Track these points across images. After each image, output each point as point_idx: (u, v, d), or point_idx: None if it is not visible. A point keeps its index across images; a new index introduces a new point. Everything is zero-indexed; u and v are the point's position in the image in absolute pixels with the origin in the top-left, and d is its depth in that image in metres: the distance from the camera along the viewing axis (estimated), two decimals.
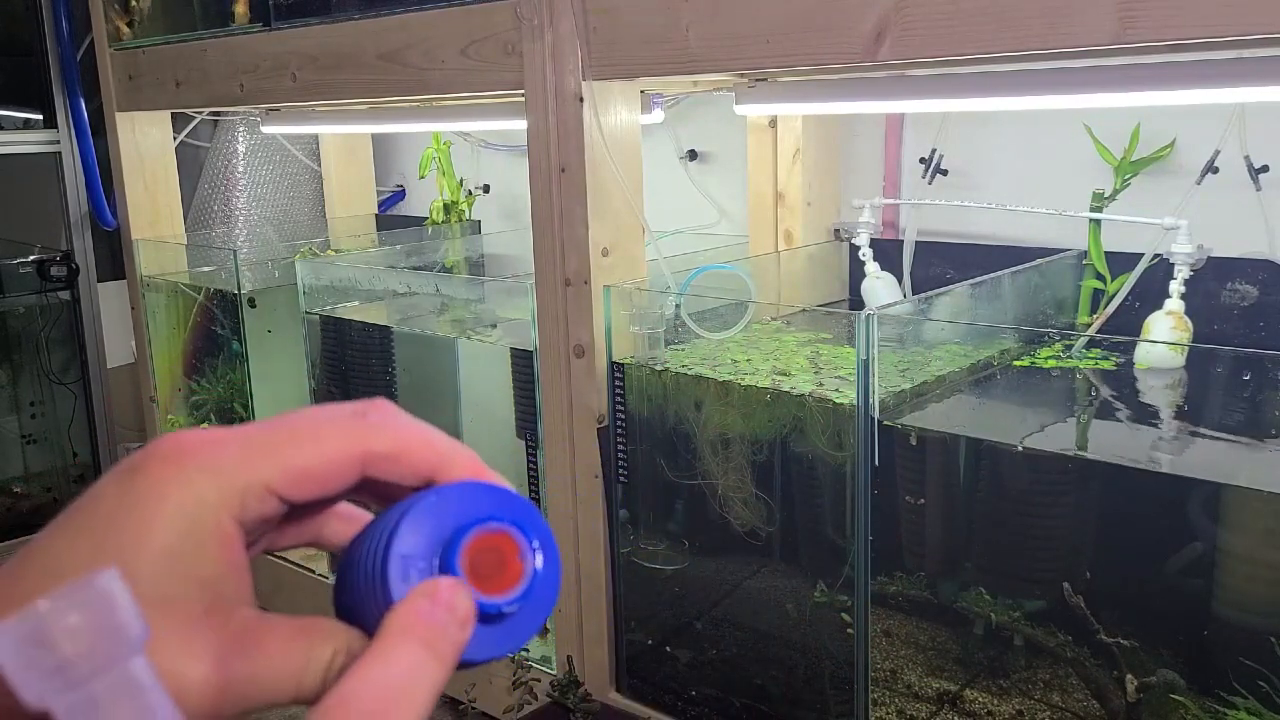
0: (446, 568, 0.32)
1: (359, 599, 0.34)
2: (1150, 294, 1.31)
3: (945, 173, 1.54)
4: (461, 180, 2.09)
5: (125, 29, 1.91)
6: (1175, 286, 1.27)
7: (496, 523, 0.33)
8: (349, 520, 0.39)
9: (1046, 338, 1.33)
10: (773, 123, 1.63)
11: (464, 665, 0.33)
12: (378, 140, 2.38)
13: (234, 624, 0.32)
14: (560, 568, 0.35)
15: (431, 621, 0.31)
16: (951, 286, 1.25)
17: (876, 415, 1.09)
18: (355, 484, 0.35)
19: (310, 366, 1.80)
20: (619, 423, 1.32)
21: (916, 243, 1.57)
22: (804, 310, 1.52)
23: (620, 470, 1.33)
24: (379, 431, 0.35)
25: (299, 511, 0.36)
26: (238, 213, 2.27)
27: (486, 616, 0.33)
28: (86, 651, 0.25)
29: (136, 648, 0.26)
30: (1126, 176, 1.32)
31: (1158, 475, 1.08)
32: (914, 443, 1.15)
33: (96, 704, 0.25)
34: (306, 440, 0.34)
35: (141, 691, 0.26)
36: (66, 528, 0.32)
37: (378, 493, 0.37)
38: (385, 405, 0.36)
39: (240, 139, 2.27)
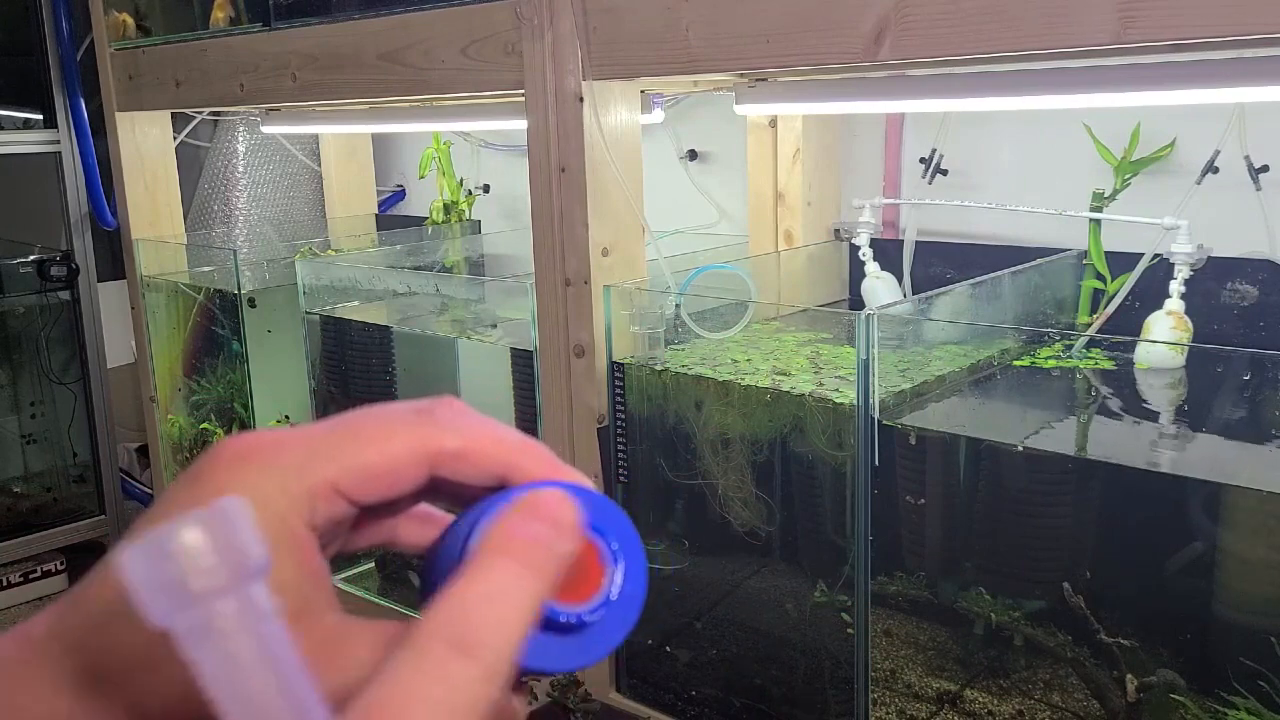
0: None
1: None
2: (1150, 294, 1.31)
3: (945, 173, 1.54)
4: (461, 180, 2.09)
5: (129, 21, 1.91)
6: (1175, 286, 1.27)
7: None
8: (425, 521, 0.38)
9: (1046, 338, 1.33)
10: (773, 123, 1.63)
11: (543, 674, 0.31)
12: (378, 140, 2.38)
13: (320, 631, 0.31)
14: (646, 571, 0.33)
15: (530, 536, 0.30)
16: (951, 286, 1.25)
17: (876, 415, 1.09)
18: (425, 484, 0.34)
19: (310, 366, 1.80)
20: (619, 423, 1.32)
21: (916, 243, 1.57)
22: (804, 310, 1.52)
23: (620, 470, 1.33)
24: (446, 429, 0.33)
25: (371, 513, 0.35)
26: (238, 213, 2.27)
27: (566, 627, 0.31)
28: (209, 571, 0.25)
29: (258, 574, 0.26)
30: (1126, 176, 1.32)
31: (1158, 475, 1.08)
32: (913, 442, 1.15)
33: (215, 625, 0.25)
34: (372, 440, 0.33)
35: (260, 618, 0.25)
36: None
37: (449, 493, 0.35)
38: (454, 403, 0.35)
39: (240, 139, 2.27)
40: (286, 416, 1.98)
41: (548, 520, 0.30)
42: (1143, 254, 1.30)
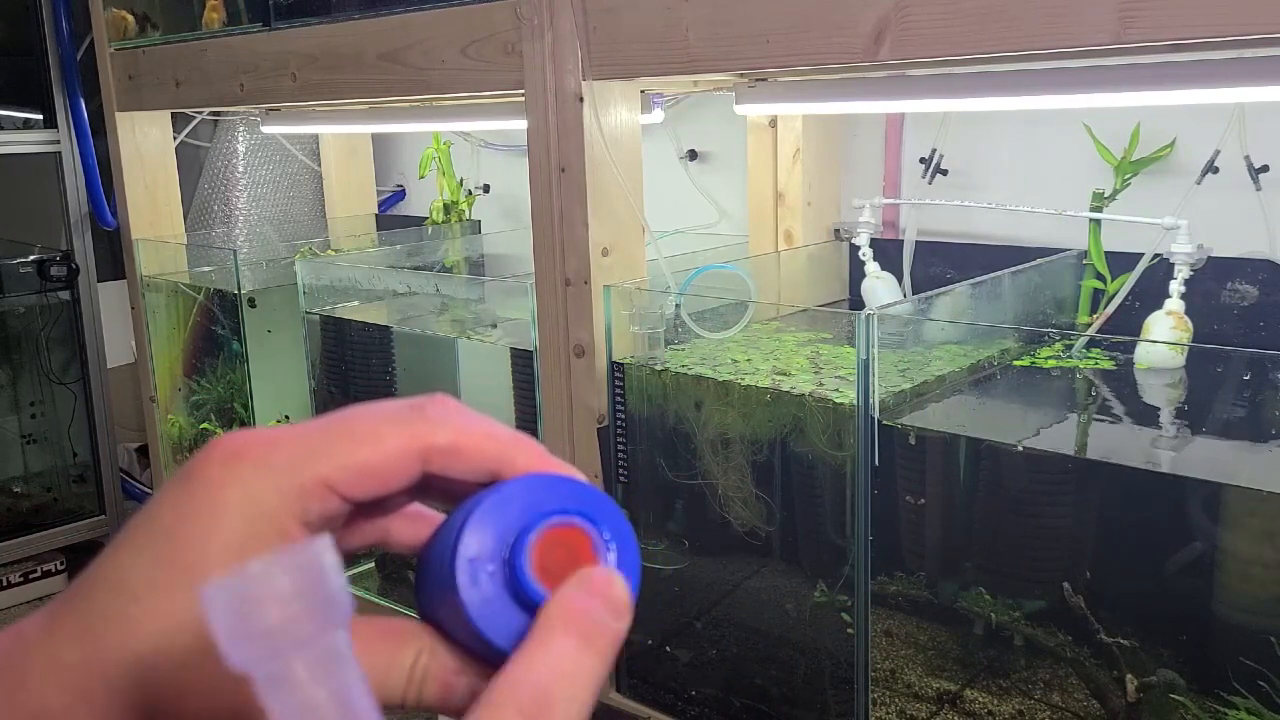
0: (514, 568, 0.31)
1: (435, 602, 0.33)
2: (1150, 294, 1.31)
3: (945, 173, 1.54)
4: (461, 180, 2.09)
5: (129, 19, 1.91)
6: (1175, 286, 1.27)
7: (564, 516, 0.32)
8: (417, 520, 0.38)
9: (1046, 338, 1.33)
10: (773, 123, 1.63)
11: None
12: (378, 140, 2.38)
13: None
14: (639, 559, 0.33)
15: (587, 612, 0.30)
16: (951, 286, 1.25)
17: (876, 415, 1.09)
18: (417, 481, 0.34)
19: (310, 366, 1.80)
20: (619, 423, 1.32)
21: (916, 243, 1.57)
22: (804, 310, 1.52)
23: (620, 470, 1.33)
24: (438, 426, 0.34)
25: (364, 511, 0.35)
26: (238, 213, 2.27)
27: None
28: (293, 618, 0.24)
29: (343, 620, 0.25)
30: (1126, 176, 1.32)
31: (1158, 475, 1.08)
32: (913, 442, 1.15)
33: (296, 674, 0.25)
34: (364, 436, 0.33)
35: (342, 667, 0.25)
36: (130, 541, 0.32)
37: (442, 489, 0.36)
38: (445, 399, 0.35)
39: (240, 139, 2.27)
40: (286, 416, 1.98)
41: (606, 599, 0.31)
42: (1143, 254, 1.30)
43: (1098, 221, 1.36)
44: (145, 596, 0.30)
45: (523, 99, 1.31)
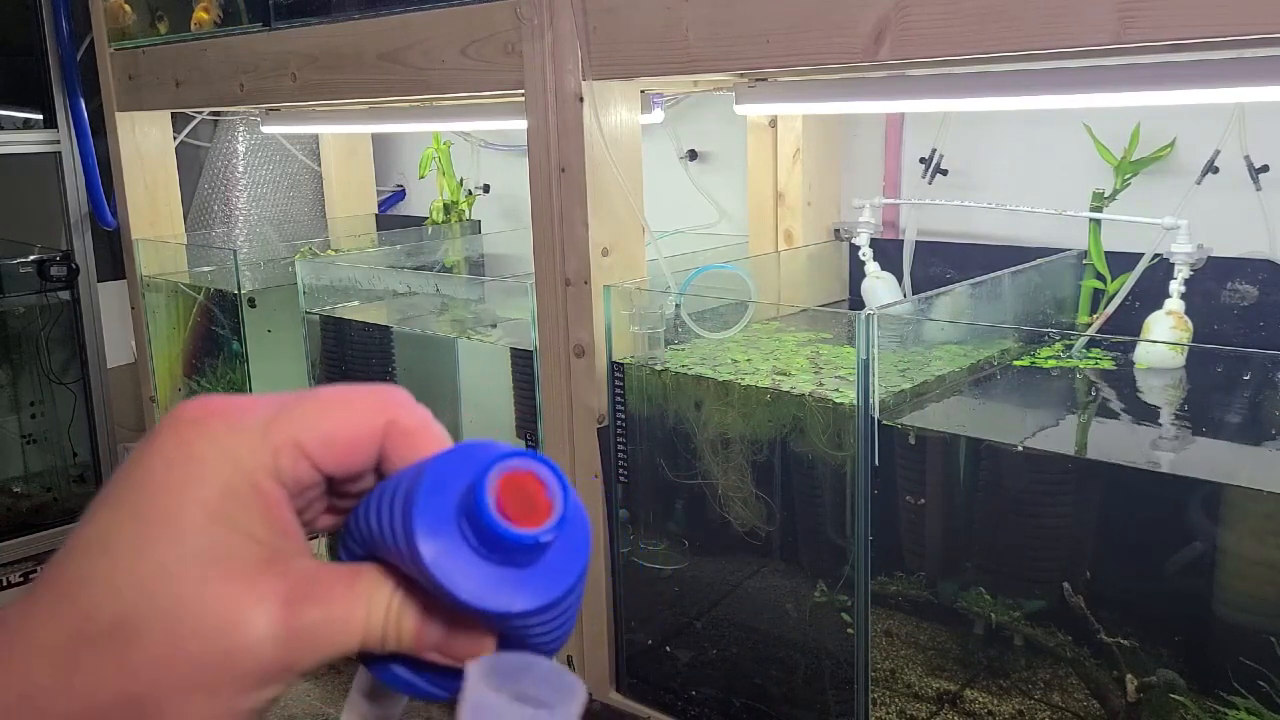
0: (475, 503, 0.31)
1: (375, 546, 0.33)
2: (1150, 294, 1.31)
3: (945, 173, 1.54)
4: (461, 180, 2.09)
5: (128, 9, 1.90)
6: (1175, 286, 1.27)
7: (517, 459, 0.32)
8: None
9: (1046, 337, 1.33)
10: (773, 123, 1.63)
11: (521, 617, 0.32)
12: (378, 140, 2.38)
13: (295, 573, 0.32)
14: (585, 510, 0.34)
15: None
16: (951, 286, 1.25)
17: (876, 415, 1.09)
18: (375, 461, 0.34)
19: (310, 366, 1.80)
20: (619, 423, 1.32)
21: (916, 243, 1.57)
22: (804, 310, 1.52)
23: (620, 470, 1.33)
24: (402, 408, 0.34)
25: (334, 494, 0.35)
26: (238, 213, 2.27)
27: (526, 553, 0.31)
28: None
29: None
30: (1126, 176, 1.32)
31: (1158, 475, 1.08)
32: (913, 442, 1.15)
33: None
34: (335, 405, 0.34)
35: None
36: (107, 504, 0.32)
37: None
38: (401, 390, 0.36)
39: (240, 139, 2.27)
40: None
41: None
42: (1143, 254, 1.30)
43: (1098, 221, 1.36)
44: (124, 555, 0.30)
45: (523, 99, 1.31)
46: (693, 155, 1.85)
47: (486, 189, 2.15)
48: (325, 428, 0.33)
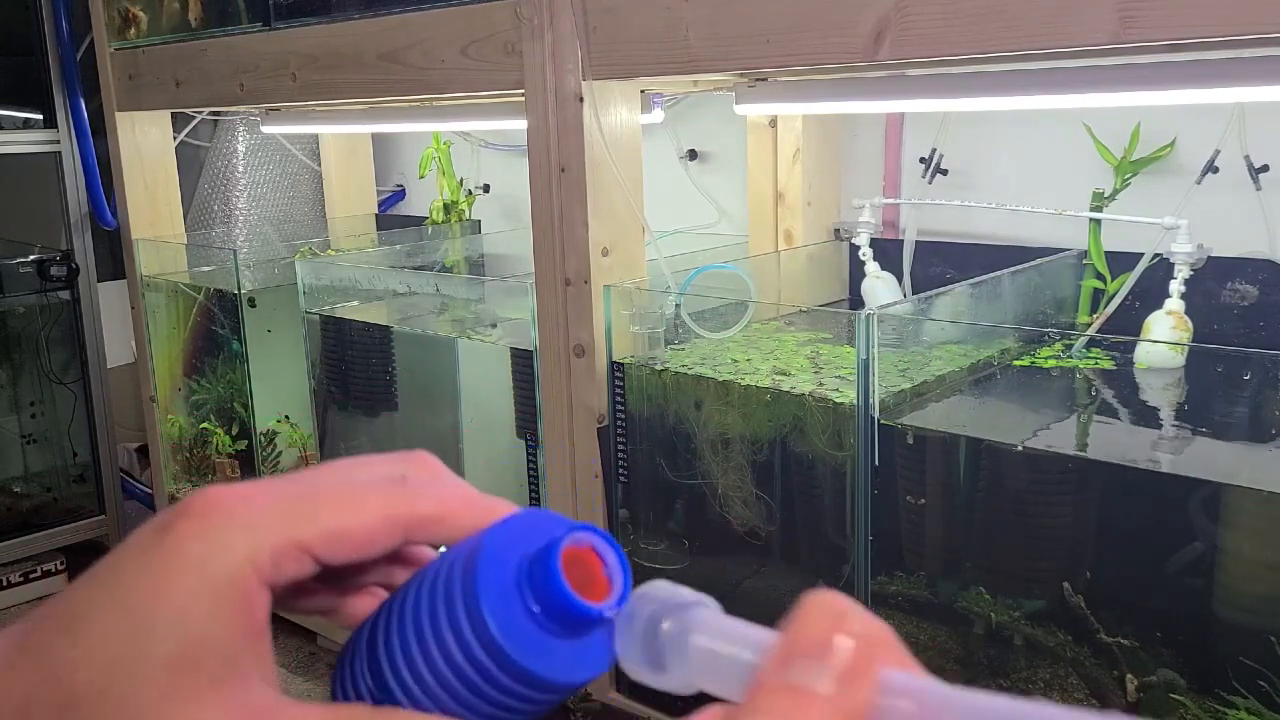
0: (548, 574, 0.31)
1: (410, 663, 0.32)
2: (1150, 294, 1.31)
3: (945, 172, 1.54)
4: (461, 180, 2.09)
5: (137, 12, 1.90)
6: (1175, 286, 1.27)
7: (582, 532, 0.32)
8: (374, 596, 0.38)
9: (1046, 337, 1.33)
10: (773, 123, 1.63)
11: (574, 688, 0.32)
12: (378, 140, 2.38)
13: (244, 702, 0.30)
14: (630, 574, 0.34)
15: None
16: (951, 286, 1.25)
17: (876, 415, 1.09)
18: (394, 548, 0.34)
19: (310, 366, 1.80)
20: (619, 422, 1.32)
21: (916, 242, 1.57)
22: (804, 310, 1.52)
23: (620, 470, 1.33)
24: (420, 496, 0.34)
25: (328, 577, 0.35)
26: (238, 213, 2.27)
27: (587, 626, 0.32)
28: None
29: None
30: (1126, 176, 1.32)
31: (1158, 475, 1.08)
32: (912, 442, 1.15)
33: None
34: (348, 502, 0.33)
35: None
36: (92, 582, 0.31)
37: (406, 559, 0.36)
38: (426, 462, 0.35)
39: (240, 139, 2.27)
40: (286, 416, 1.98)
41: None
42: (1143, 254, 1.30)
43: (1098, 221, 1.36)
44: (85, 639, 0.30)
45: (523, 99, 1.31)
46: (693, 155, 1.85)
47: (486, 189, 2.15)
48: (336, 528, 0.32)
